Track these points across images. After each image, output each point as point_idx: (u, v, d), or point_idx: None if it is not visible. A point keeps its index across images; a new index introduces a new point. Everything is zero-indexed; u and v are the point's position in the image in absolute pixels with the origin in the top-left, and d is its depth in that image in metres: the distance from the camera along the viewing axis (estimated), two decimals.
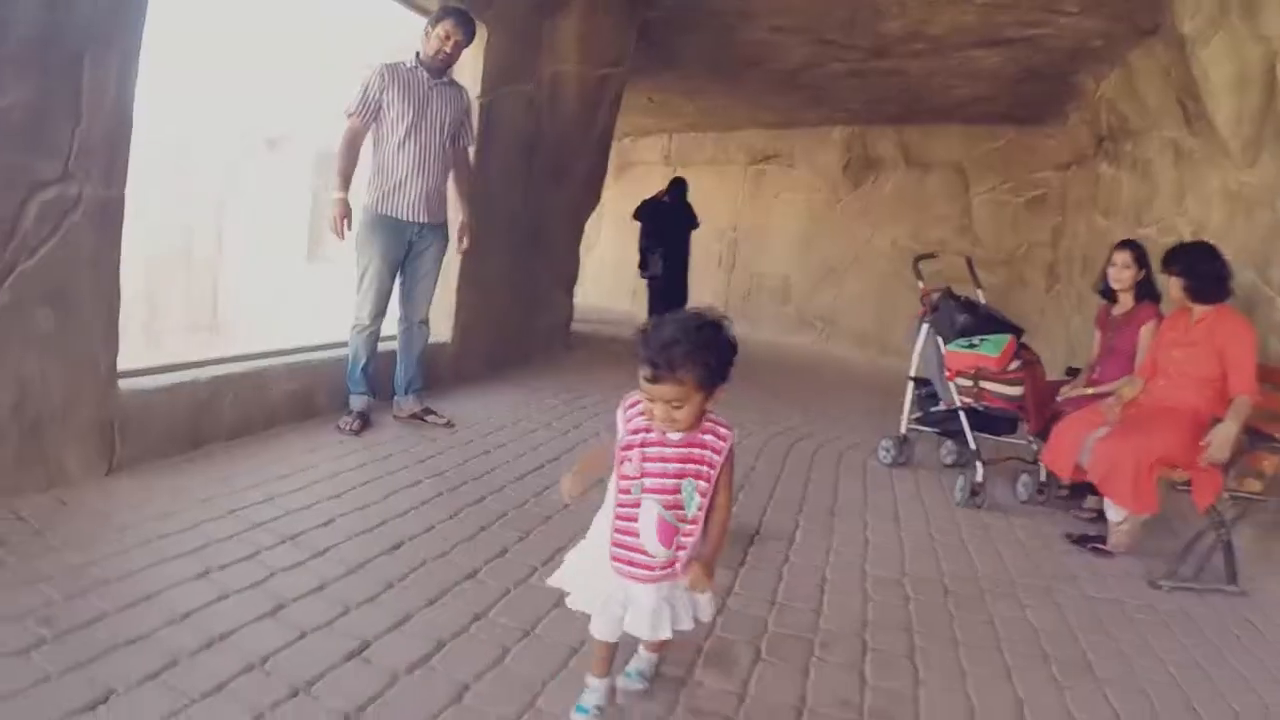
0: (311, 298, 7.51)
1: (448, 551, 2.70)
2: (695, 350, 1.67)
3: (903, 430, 4.76)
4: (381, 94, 3.80)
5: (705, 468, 1.80)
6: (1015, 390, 4.15)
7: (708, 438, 1.80)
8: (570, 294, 7.15)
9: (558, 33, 5.53)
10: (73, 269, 2.75)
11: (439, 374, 4.81)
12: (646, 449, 1.79)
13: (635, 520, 1.79)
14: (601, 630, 1.86)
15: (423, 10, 4.47)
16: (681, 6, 6.07)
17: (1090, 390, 4.10)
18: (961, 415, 4.22)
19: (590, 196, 6.87)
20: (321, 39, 7.76)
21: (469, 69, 4.79)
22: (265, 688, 1.81)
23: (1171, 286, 3.68)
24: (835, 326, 10.93)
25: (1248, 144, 4.68)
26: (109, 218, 2.88)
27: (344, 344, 4.06)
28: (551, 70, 5.63)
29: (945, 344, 4.39)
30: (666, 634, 1.83)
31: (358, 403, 3.95)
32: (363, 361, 3.96)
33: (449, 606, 2.32)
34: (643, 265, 9.53)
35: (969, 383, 4.22)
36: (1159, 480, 3.35)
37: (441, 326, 4.96)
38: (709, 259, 12.17)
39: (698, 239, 10.40)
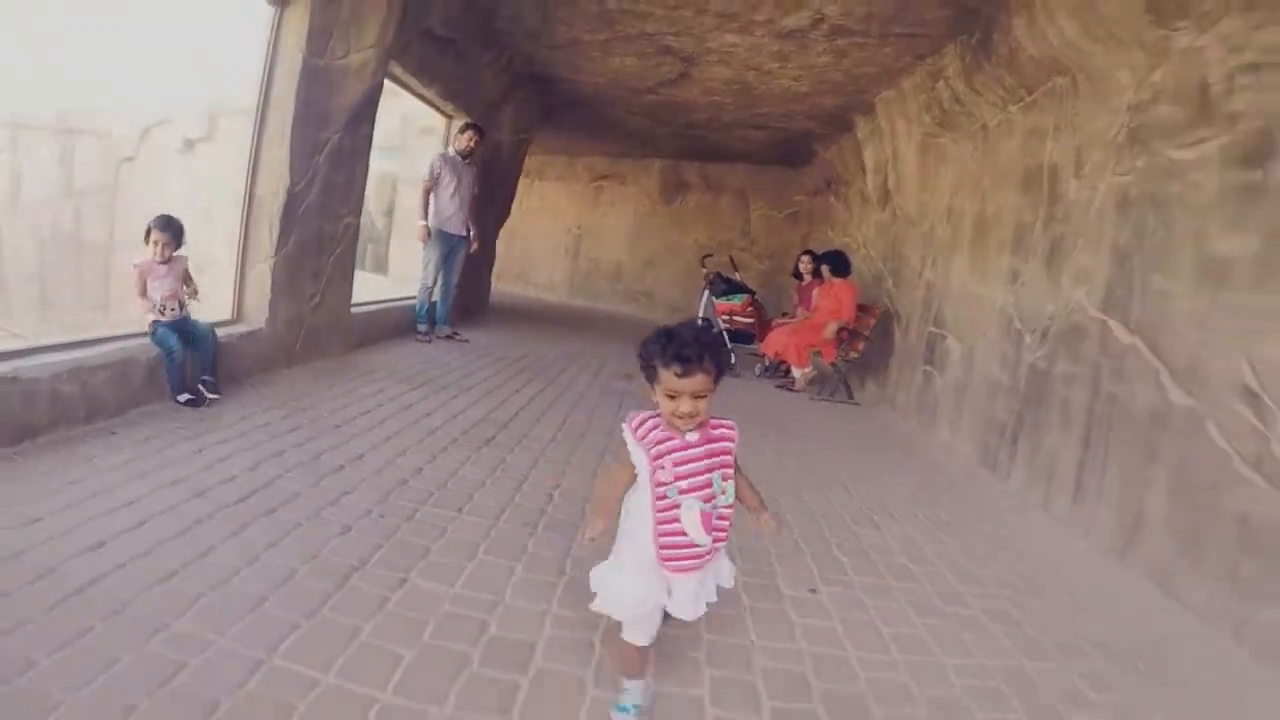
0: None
1: (506, 377, 6.43)
2: (709, 347, 1.98)
3: None
4: (440, 171, 7.37)
5: (726, 457, 2.05)
6: (750, 320, 8.43)
7: (719, 432, 2.06)
8: (490, 275, 10.79)
9: (501, 117, 9.16)
10: (347, 255, 6.21)
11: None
12: (674, 454, 1.99)
13: (678, 520, 1.97)
14: (639, 636, 2.04)
15: (438, 108, 8.06)
16: (571, 99, 9.85)
17: (789, 320, 8.37)
18: (724, 334, 8.38)
19: (505, 212, 10.53)
20: None
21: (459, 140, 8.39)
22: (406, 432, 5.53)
23: (824, 269, 7.94)
24: (653, 299, 15.06)
25: (880, 199, 9.05)
26: (356, 232, 6.35)
27: (413, 297, 7.62)
28: (495, 138, 9.24)
29: (715, 299, 8.58)
30: (703, 609, 2.07)
31: (423, 328, 7.52)
32: (425, 306, 7.52)
33: (522, 394, 6.07)
34: None
35: (727, 317, 8.45)
36: (810, 352, 7.61)
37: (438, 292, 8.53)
38: (559, 249, 16.03)
39: (550, 234, 15.17)
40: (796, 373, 7.81)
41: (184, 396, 4.18)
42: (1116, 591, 3.50)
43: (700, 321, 8.43)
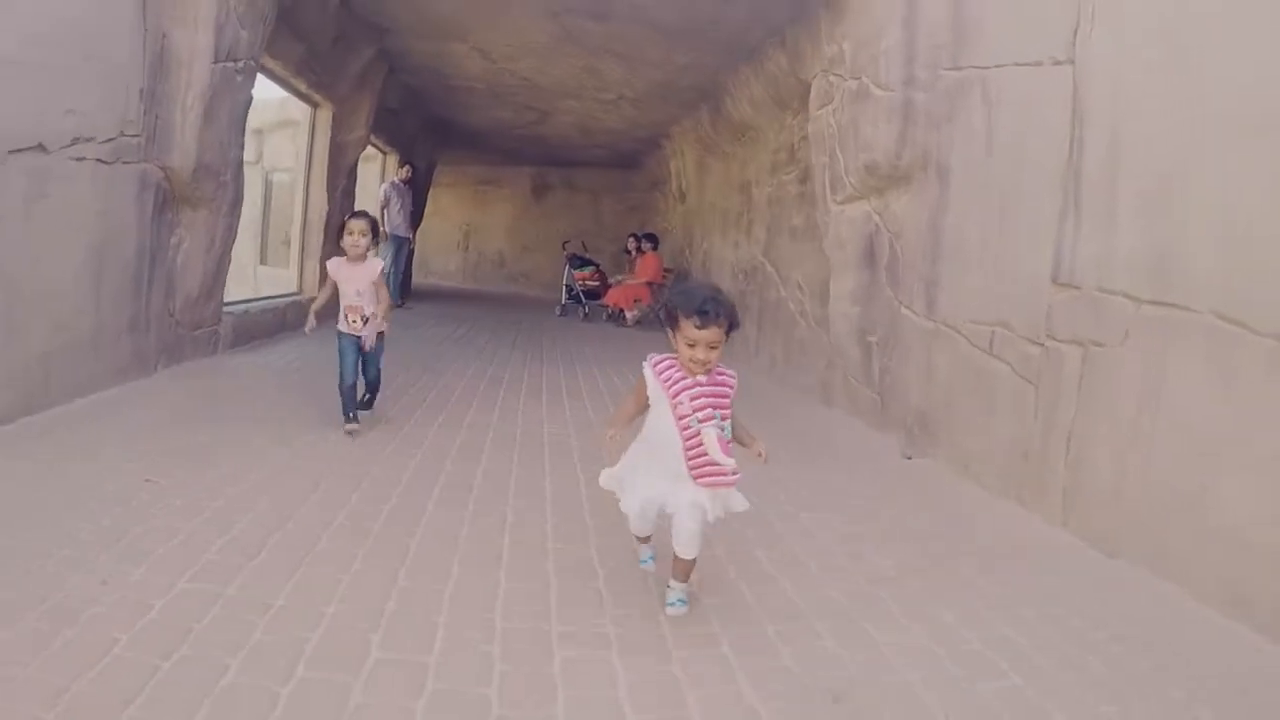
0: None
1: (448, 322, 10.41)
2: (723, 305, 2.35)
3: (562, 302, 13.17)
4: (391, 194, 11.21)
5: (725, 400, 2.44)
6: (596, 283, 12.74)
7: (722, 377, 2.45)
8: (413, 265, 14.62)
9: (416, 148, 12.99)
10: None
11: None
12: (691, 390, 2.39)
13: (700, 445, 2.36)
14: (638, 529, 2.68)
15: (379, 149, 11.90)
16: (464, 133, 13.79)
17: (623, 281, 12.66)
18: (580, 293, 12.66)
19: (420, 217, 14.36)
20: None
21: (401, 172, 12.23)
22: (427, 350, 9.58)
23: (642, 244, 12.25)
24: (530, 279, 19.05)
25: (679, 196, 13.41)
26: None
27: None
28: (415, 161, 13.11)
29: (573, 270, 12.86)
30: (711, 519, 2.44)
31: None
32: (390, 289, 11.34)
33: (463, 328, 10.10)
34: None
35: (581, 282, 12.73)
36: (634, 300, 11.93)
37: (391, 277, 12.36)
38: (451, 243, 19.79)
39: (444, 230, 18.70)
40: (628, 314, 12.04)
41: (349, 426, 4.20)
42: (774, 393, 7.70)
43: (564, 286, 12.72)
